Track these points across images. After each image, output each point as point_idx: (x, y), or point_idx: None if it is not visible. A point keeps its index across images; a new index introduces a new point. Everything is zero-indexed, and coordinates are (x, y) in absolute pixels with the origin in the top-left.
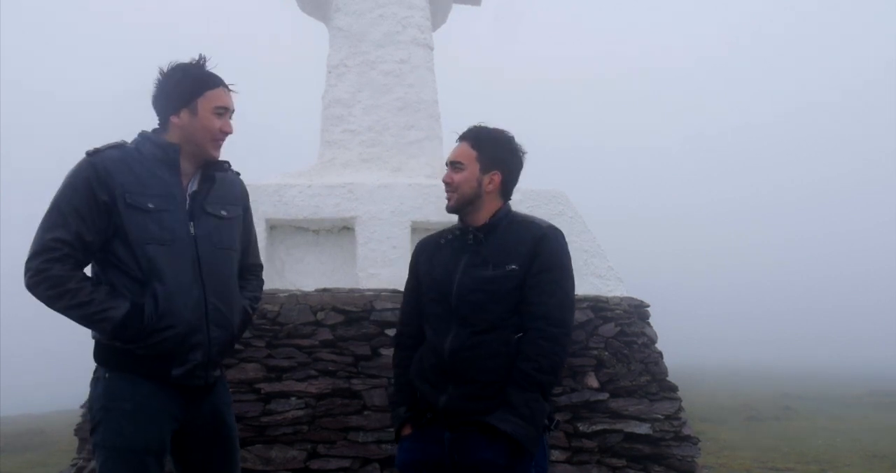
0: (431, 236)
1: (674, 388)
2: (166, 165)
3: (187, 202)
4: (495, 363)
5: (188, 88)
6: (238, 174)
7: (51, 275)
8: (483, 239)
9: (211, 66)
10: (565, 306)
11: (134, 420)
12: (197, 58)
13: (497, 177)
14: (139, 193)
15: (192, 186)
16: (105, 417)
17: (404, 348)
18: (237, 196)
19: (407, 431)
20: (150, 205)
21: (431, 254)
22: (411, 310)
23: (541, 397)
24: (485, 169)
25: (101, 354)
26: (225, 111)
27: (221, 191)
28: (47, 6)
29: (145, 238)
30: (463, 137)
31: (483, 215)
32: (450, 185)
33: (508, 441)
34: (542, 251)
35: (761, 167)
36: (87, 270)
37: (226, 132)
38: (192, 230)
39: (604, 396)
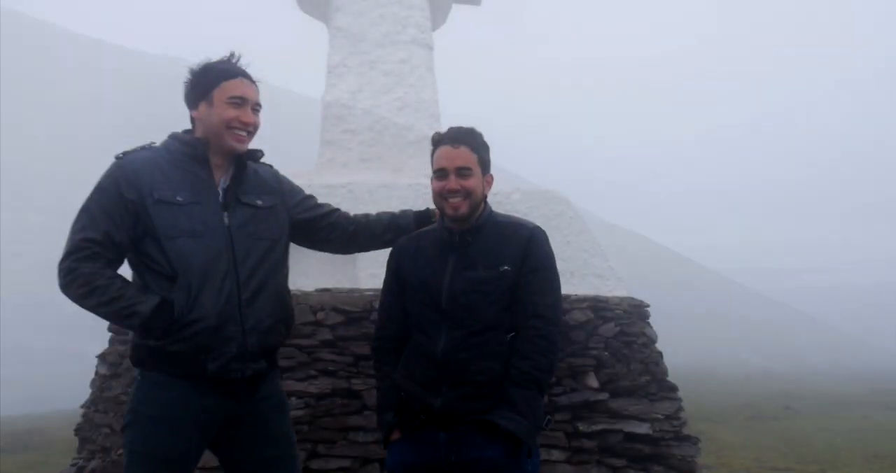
0: (409, 237)
1: (674, 388)
2: (195, 160)
3: (220, 194)
4: (491, 363)
5: (206, 81)
6: (271, 166)
7: (80, 274)
8: (470, 241)
9: (243, 64)
10: (557, 305)
11: (158, 427)
12: (228, 55)
13: (490, 180)
14: (168, 188)
15: (226, 179)
16: (133, 420)
17: (386, 352)
18: (273, 185)
19: (396, 436)
20: (180, 199)
21: (414, 256)
22: (393, 314)
23: (539, 394)
24: (483, 172)
25: (136, 354)
26: (242, 101)
27: (256, 180)
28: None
29: (175, 232)
30: (459, 141)
31: (472, 217)
32: (459, 192)
33: (508, 439)
34: (532, 251)
35: (766, 169)
36: (124, 272)
37: (245, 122)
38: (225, 221)
39: (604, 396)
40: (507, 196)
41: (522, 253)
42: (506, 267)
